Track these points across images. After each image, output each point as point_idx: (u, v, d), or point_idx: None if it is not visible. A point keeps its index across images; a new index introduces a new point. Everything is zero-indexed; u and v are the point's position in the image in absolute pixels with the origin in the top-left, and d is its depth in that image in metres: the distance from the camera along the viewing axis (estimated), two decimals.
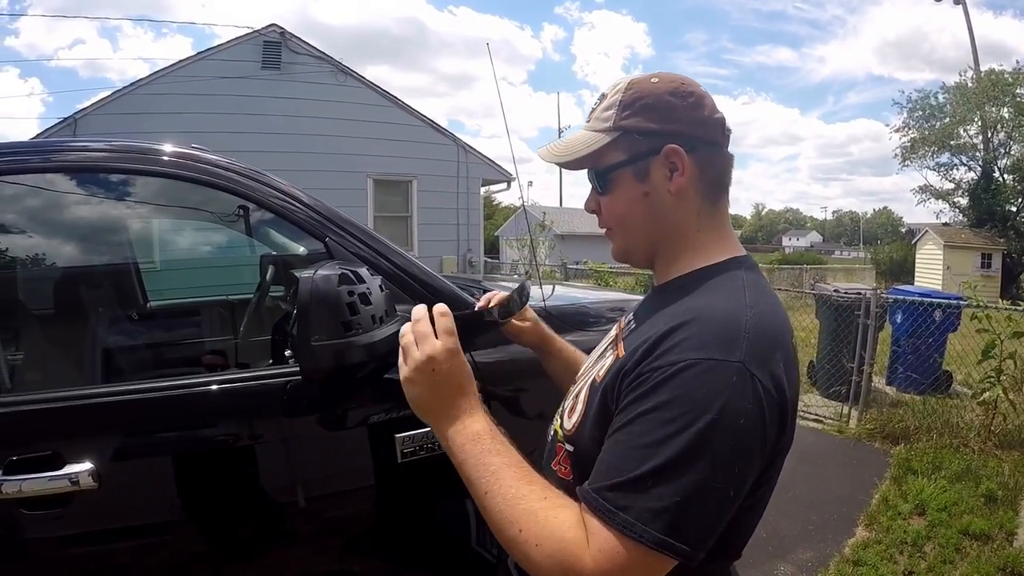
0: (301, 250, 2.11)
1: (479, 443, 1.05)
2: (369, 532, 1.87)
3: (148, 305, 3.19)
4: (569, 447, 1.13)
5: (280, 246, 2.44)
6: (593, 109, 1.19)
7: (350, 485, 1.82)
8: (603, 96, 1.18)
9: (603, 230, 1.23)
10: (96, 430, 1.60)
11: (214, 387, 1.73)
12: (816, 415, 6.84)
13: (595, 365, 1.18)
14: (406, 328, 1.19)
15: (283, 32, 14.10)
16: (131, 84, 13.17)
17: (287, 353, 2.13)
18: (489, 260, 20.67)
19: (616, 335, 1.22)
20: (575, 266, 15.61)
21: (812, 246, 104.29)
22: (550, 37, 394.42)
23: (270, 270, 3.01)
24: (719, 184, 1.16)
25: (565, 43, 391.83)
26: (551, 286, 2.92)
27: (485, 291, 1.70)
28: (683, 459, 0.86)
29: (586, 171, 1.19)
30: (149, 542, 1.60)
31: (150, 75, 13.17)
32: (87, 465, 1.49)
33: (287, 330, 2.03)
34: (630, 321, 1.20)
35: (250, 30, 14.03)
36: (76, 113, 12.82)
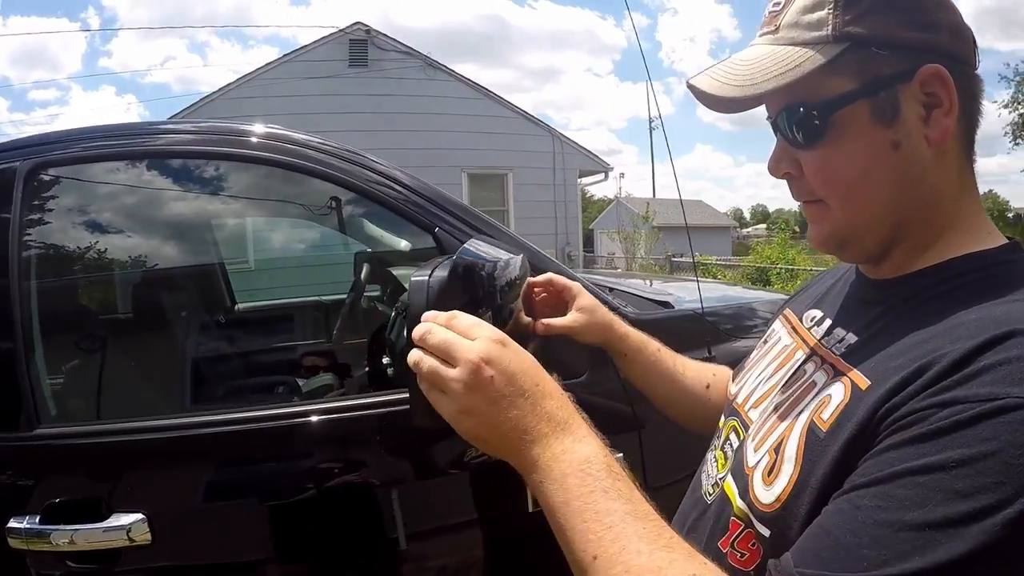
0: (404, 244, 1.81)
1: (587, 476, 0.67)
2: None
3: (236, 307, 2.99)
4: (764, 530, 0.73)
5: (376, 240, 2.15)
6: (775, 12, 0.79)
7: (468, 543, 1.52)
8: None
9: (800, 202, 0.85)
10: (149, 471, 1.39)
11: (313, 418, 1.45)
12: None
13: (796, 401, 0.78)
14: (416, 355, 0.78)
15: (368, 30, 14.24)
16: (219, 90, 13.52)
17: (385, 361, 1.94)
18: (586, 254, 20.35)
19: (818, 355, 0.83)
20: (678, 259, 15.05)
21: None
22: (633, 25, 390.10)
23: (365, 268, 2.80)
24: (974, 130, 0.78)
25: (649, 30, 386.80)
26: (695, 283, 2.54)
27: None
28: (979, 560, 0.51)
29: (776, 111, 0.81)
30: None
31: (237, 79, 13.54)
32: (137, 515, 1.28)
33: (386, 338, 1.83)
34: (831, 330, 0.85)
35: (335, 29, 14.17)
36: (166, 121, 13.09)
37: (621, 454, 0.73)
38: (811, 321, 0.93)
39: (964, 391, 0.57)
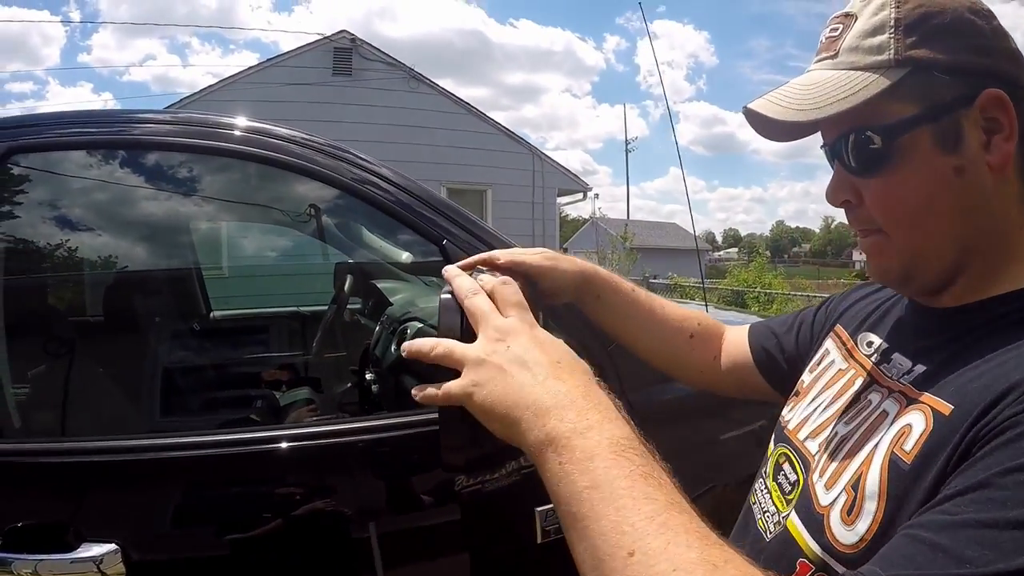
0: (405, 256, 1.73)
1: (623, 459, 0.58)
2: None
3: (212, 315, 2.87)
4: (841, 569, 0.67)
5: (369, 245, 2.07)
6: (833, 38, 0.79)
7: None
8: (848, 15, 0.78)
9: (857, 231, 0.82)
10: (124, 495, 1.25)
11: (306, 442, 1.35)
12: None
13: (868, 433, 0.73)
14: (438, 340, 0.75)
15: (354, 39, 14.14)
16: (199, 92, 13.35)
17: (368, 377, 1.94)
18: None
19: (881, 384, 0.79)
20: (655, 280, 15.13)
21: None
22: (612, 48, 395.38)
23: (347, 280, 2.73)
24: None
25: (628, 53, 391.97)
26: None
27: None
28: None
29: (833, 137, 0.79)
30: None
31: (218, 82, 13.37)
32: (110, 545, 1.14)
33: (371, 354, 1.83)
34: (893, 358, 0.81)
35: (320, 36, 14.06)
36: None
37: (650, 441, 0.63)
38: (868, 347, 0.89)
39: None
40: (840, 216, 1.13)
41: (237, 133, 1.50)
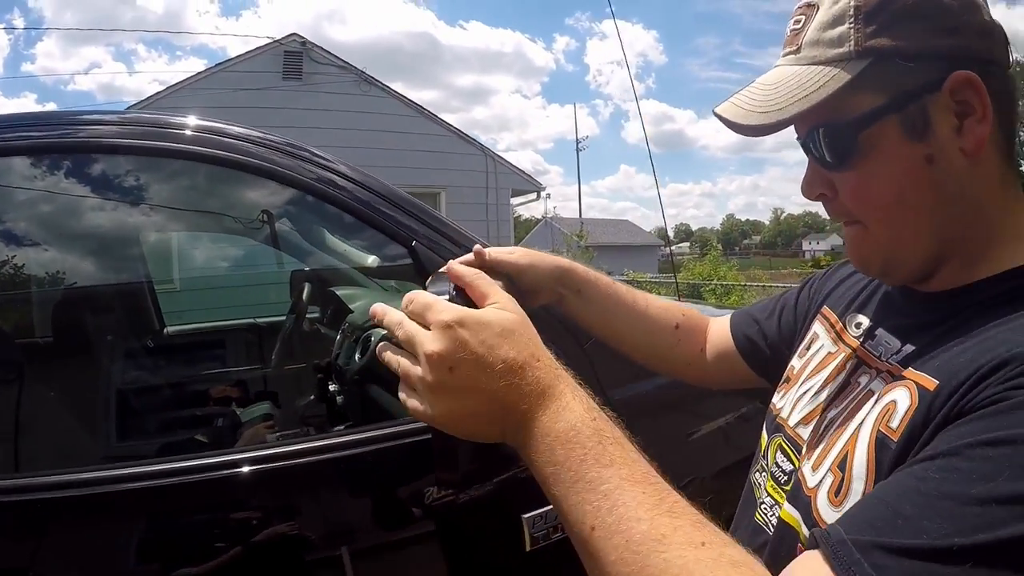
0: (371, 260, 1.69)
1: (575, 445, 0.62)
2: None
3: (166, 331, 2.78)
4: None
5: (330, 248, 2.00)
6: (796, 31, 0.77)
7: None
8: (810, 6, 0.76)
9: (840, 222, 0.82)
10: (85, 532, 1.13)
11: (276, 463, 1.25)
12: None
13: (853, 413, 0.74)
14: (386, 355, 0.74)
15: (304, 42, 13.93)
16: (146, 99, 13.07)
17: (332, 388, 1.90)
18: None
19: (869, 364, 0.80)
20: (615, 278, 15.26)
21: (833, 248, 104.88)
22: (562, 48, 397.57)
23: (306, 288, 2.67)
24: (1014, 133, 0.75)
25: (577, 53, 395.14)
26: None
27: None
28: None
29: (804, 132, 0.77)
30: None
31: (167, 88, 13.05)
32: None
33: (333, 364, 1.79)
34: (882, 339, 0.81)
35: (270, 40, 13.78)
36: None
37: (611, 411, 0.67)
38: (857, 328, 0.89)
39: None
40: (789, 208, 1.13)
41: (188, 133, 1.41)
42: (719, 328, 1.21)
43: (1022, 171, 0.79)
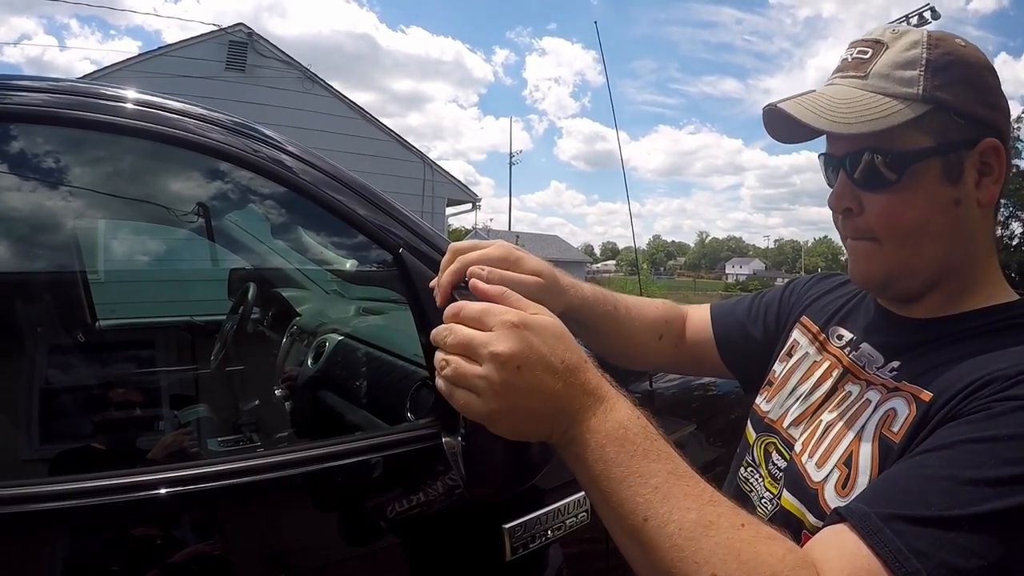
0: (349, 264, 1.62)
1: (625, 442, 0.69)
2: None
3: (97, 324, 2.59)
4: None
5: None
6: (863, 60, 0.89)
7: None
8: (877, 43, 0.89)
9: (847, 236, 0.94)
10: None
11: (233, 479, 1.09)
12: None
13: (853, 419, 0.87)
14: (438, 357, 0.75)
15: (251, 32, 13.69)
16: (81, 78, 12.46)
17: (279, 393, 2.01)
18: None
19: (858, 376, 0.94)
20: None
21: (755, 274, 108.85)
22: (501, 61, 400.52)
23: (251, 288, 2.58)
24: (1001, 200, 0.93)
25: (516, 67, 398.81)
26: None
27: None
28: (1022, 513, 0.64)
29: (845, 150, 0.90)
30: None
31: (100, 70, 12.56)
32: None
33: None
34: (869, 354, 0.94)
35: (216, 27, 13.46)
36: None
37: (649, 413, 0.74)
38: (839, 340, 1.03)
39: (1018, 391, 0.70)
40: (714, 232, 1.15)
41: (129, 106, 1.23)
42: (699, 319, 1.31)
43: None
